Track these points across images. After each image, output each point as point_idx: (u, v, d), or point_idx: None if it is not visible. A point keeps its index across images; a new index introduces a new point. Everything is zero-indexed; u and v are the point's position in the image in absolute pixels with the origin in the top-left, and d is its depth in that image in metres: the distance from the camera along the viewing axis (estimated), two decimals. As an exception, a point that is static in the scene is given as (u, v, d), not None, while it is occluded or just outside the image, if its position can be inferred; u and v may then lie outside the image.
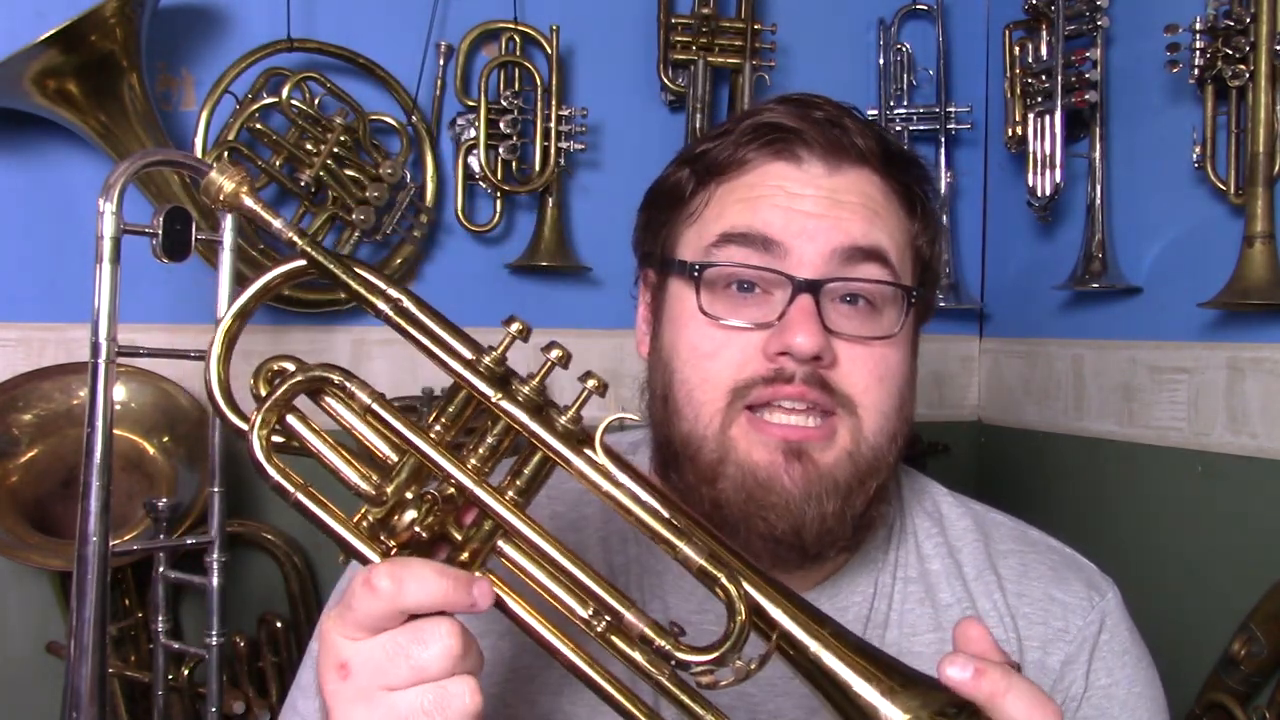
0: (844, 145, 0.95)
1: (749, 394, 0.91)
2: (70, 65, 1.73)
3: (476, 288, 2.17)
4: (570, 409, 0.72)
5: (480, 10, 2.14)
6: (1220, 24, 1.80)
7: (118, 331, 1.46)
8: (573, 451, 0.72)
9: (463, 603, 0.69)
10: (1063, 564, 1.06)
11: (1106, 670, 1.02)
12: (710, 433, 0.92)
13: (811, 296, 0.90)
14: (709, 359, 0.92)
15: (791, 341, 0.88)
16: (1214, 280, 1.81)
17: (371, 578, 0.68)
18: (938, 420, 2.49)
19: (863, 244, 0.92)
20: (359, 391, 0.73)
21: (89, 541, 1.42)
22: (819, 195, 0.93)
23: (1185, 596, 1.97)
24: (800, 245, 0.91)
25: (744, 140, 0.96)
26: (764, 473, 0.90)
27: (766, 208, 0.93)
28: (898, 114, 2.40)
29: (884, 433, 0.93)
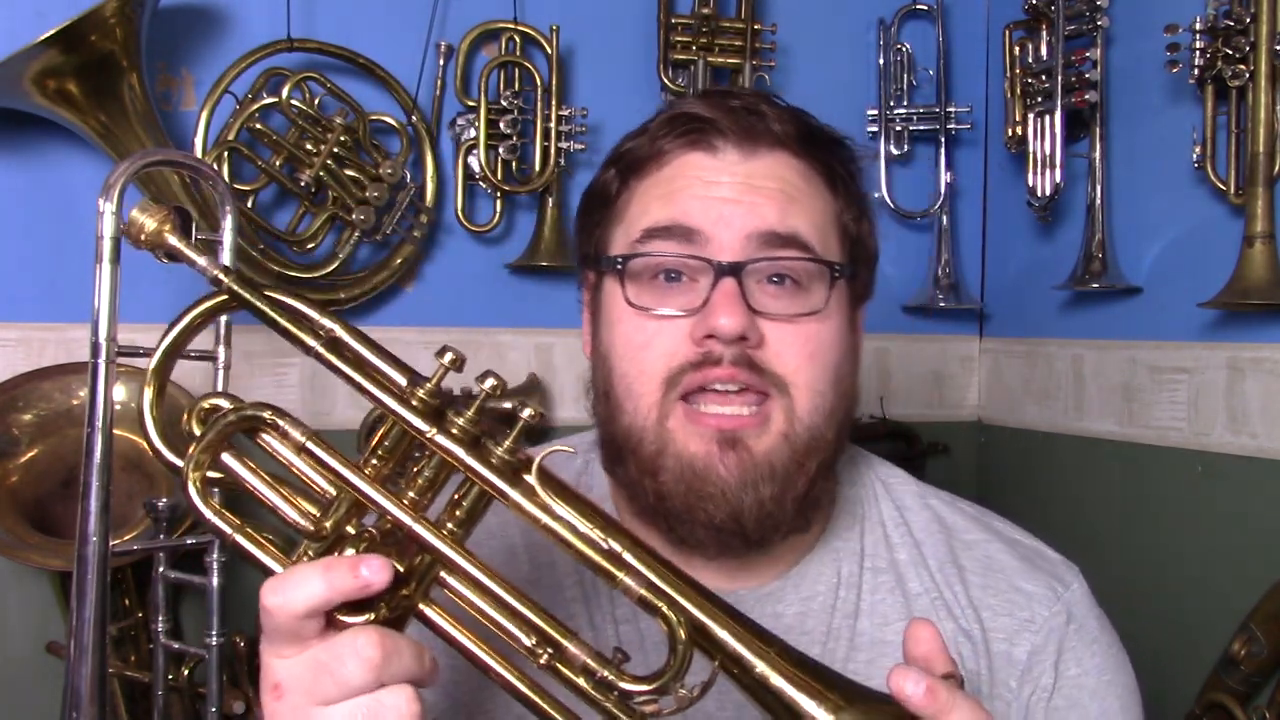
0: (758, 131, 0.96)
1: (681, 381, 0.92)
2: (70, 65, 1.73)
3: (476, 288, 2.17)
4: (508, 439, 0.72)
5: (480, 10, 2.14)
6: (1220, 24, 1.80)
7: (118, 331, 1.46)
8: (509, 484, 0.72)
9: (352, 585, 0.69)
10: (1027, 554, 1.06)
11: (1076, 660, 1.02)
12: (649, 424, 0.93)
13: (734, 279, 0.91)
14: (642, 350, 0.94)
15: (715, 323, 0.90)
16: (1214, 280, 1.81)
17: (263, 595, 0.69)
18: (938, 420, 2.49)
19: (779, 230, 0.93)
20: (292, 430, 0.72)
21: (89, 541, 1.42)
22: (735, 181, 0.94)
23: (1185, 596, 1.97)
24: (719, 232, 0.93)
25: (660, 134, 0.98)
26: (700, 463, 0.92)
27: (684, 198, 0.94)
28: (898, 114, 2.40)
29: (820, 410, 0.94)
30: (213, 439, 0.73)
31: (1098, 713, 1.02)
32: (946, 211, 2.41)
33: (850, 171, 1.02)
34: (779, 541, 0.98)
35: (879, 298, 2.76)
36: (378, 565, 0.69)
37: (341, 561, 0.69)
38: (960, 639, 1.01)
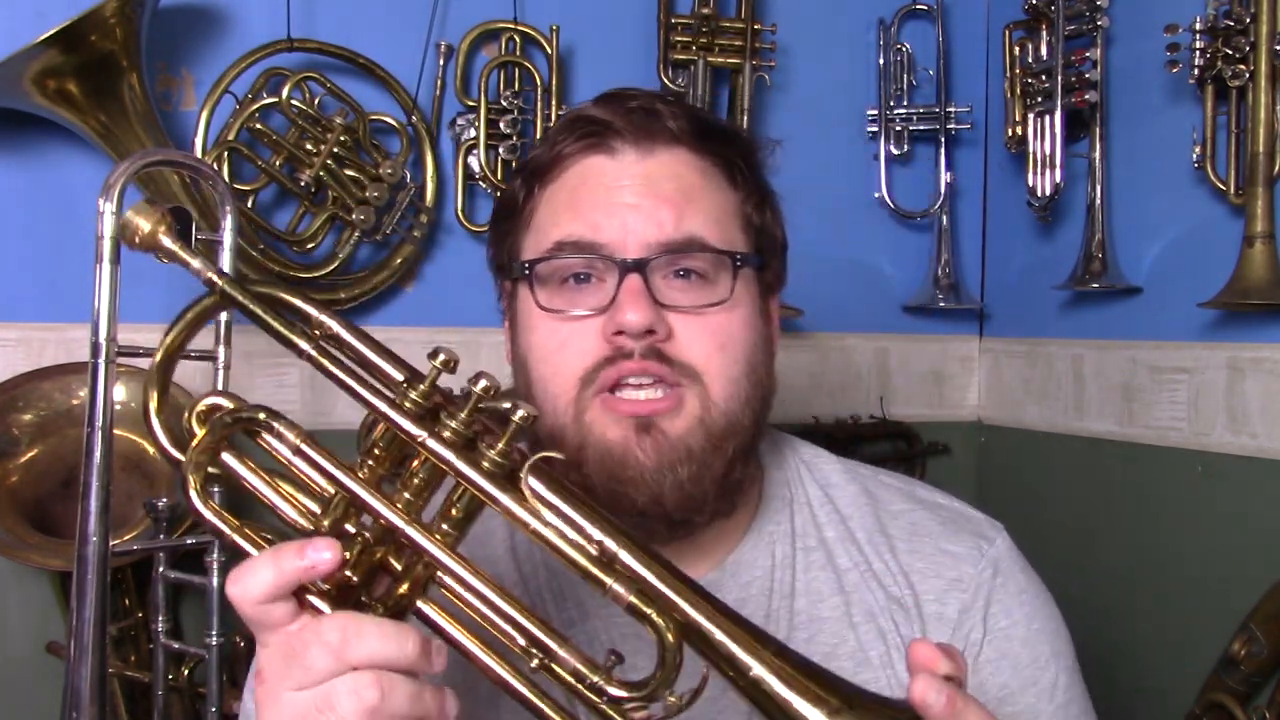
0: (654, 130, 0.98)
1: (597, 377, 0.95)
2: (70, 65, 1.73)
3: (476, 288, 2.15)
4: (500, 442, 0.72)
5: (480, 10, 2.14)
6: (1220, 24, 1.80)
7: (118, 331, 1.46)
8: (498, 489, 0.72)
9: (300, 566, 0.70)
10: (951, 518, 1.09)
11: (1005, 612, 1.05)
12: (568, 420, 0.96)
13: (639, 275, 0.94)
14: (557, 353, 0.97)
15: (622, 318, 0.92)
16: (1214, 280, 1.81)
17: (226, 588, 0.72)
18: (938, 420, 2.49)
19: (676, 237, 0.96)
20: (287, 432, 0.73)
21: (89, 541, 1.42)
22: (635, 184, 0.97)
23: (1185, 596, 1.97)
24: (624, 240, 0.95)
25: (560, 139, 1.00)
26: (618, 449, 0.94)
27: (588, 208, 0.97)
28: (898, 114, 2.40)
29: (734, 398, 0.97)
30: (209, 441, 0.74)
31: (1029, 660, 1.04)
32: (946, 211, 2.41)
33: (750, 163, 1.04)
34: (704, 526, 1.00)
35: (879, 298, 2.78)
36: (323, 545, 0.70)
37: (289, 545, 0.71)
38: (893, 607, 1.03)
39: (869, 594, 1.04)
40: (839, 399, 2.41)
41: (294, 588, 0.71)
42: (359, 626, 0.70)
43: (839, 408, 2.39)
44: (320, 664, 0.69)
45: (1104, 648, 2.02)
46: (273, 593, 0.70)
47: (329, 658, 0.69)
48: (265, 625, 0.71)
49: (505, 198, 1.06)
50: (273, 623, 0.71)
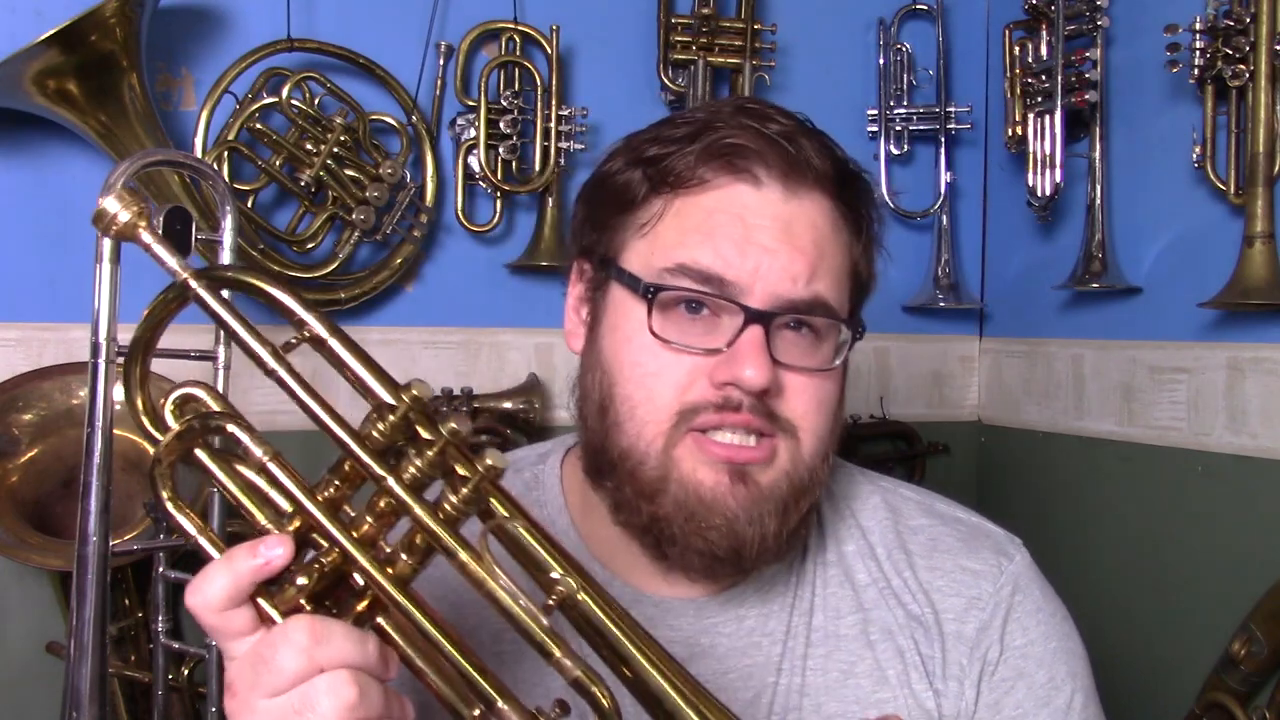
0: (800, 168, 0.95)
1: (695, 418, 0.92)
2: (70, 65, 1.73)
3: (476, 288, 2.17)
4: (464, 489, 0.70)
5: (480, 10, 2.14)
6: (1220, 24, 1.80)
7: (118, 331, 1.46)
8: (456, 542, 0.70)
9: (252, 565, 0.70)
10: (970, 533, 1.08)
11: (1022, 630, 1.04)
12: (653, 451, 0.93)
13: (763, 328, 0.91)
14: (654, 378, 0.93)
15: (741, 374, 0.90)
16: (1214, 280, 1.81)
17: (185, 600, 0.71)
18: (938, 420, 2.49)
19: (805, 296, 0.93)
20: (254, 448, 0.72)
21: (89, 541, 1.42)
22: (774, 226, 0.93)
23: (1185, 596, 1.97)
24: (753, 282, 0.92)
25: (703, 158, 0.95)
26: (709, 493, 0.92)
27: (723, 239, 0.93)
28: (898, 114, 2.40)
29: (819, 455, 0.96)
30: (175, 444, 0.73)
31: (1044, 680, 1.04)
32: (946, 211, 2.41)
33: (871, 214, 1.02)
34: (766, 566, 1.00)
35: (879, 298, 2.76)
36: (274, 542, 0.70)
37: (240, 547, 0.71)
38: (912, 624, 1.03)
39: (887, 611, 1.03)
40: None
41: (251, 590, 0.70)
42: (325, 627, 0.69)
43: (839, 408, 2.39)
44: (291, 665, 0.69)
45: (1104, 648, 2.02)
46: (231, 596, 0.70)
47: (299, 658, 0.69)
48: (228, 634, 0.71)
49: (617, 185, 0.98)
50: (235, 631, 0.71)
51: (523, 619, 0.69)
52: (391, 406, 0.71)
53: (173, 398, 0.75)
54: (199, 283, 0.74)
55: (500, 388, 2.13)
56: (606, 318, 0.97)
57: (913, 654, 1.02)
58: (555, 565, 0.70)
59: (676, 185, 0.95)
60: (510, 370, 2.16)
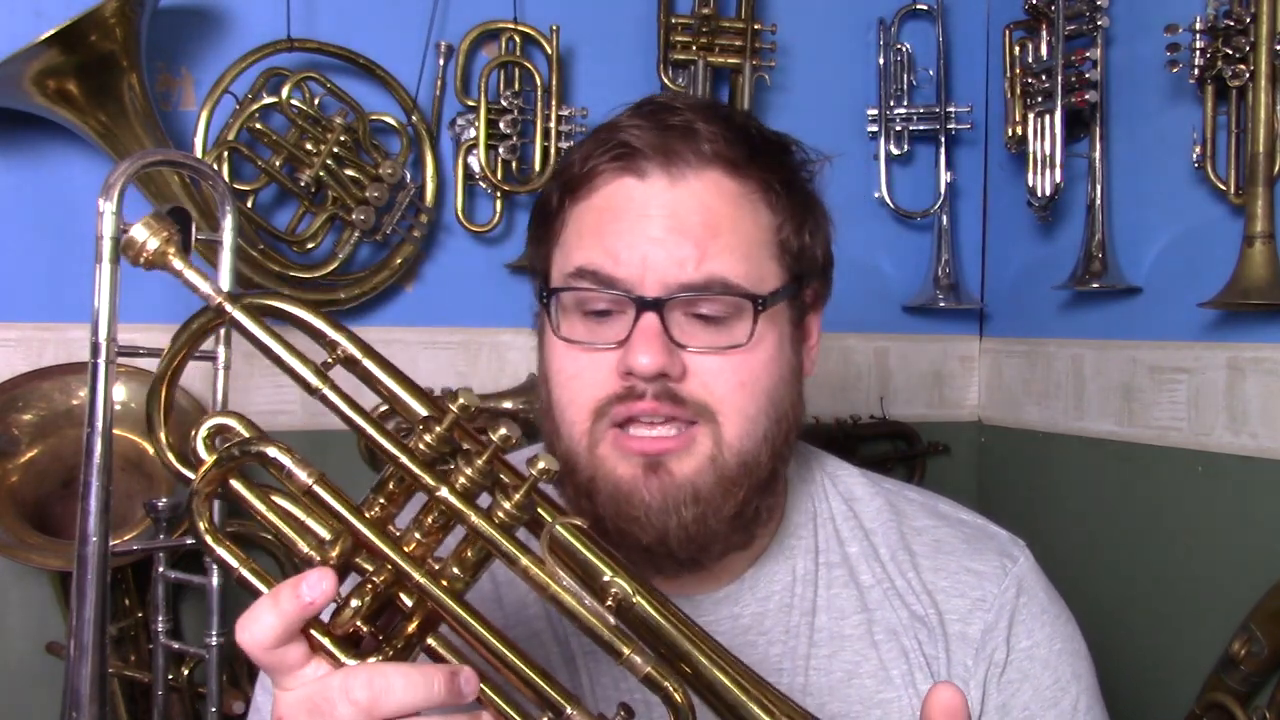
0: (686, 154, 0.95)
1: (609, 412, 0.94)
2: (70, 65, 1.73)
3: (476, 288, 2.17)
4: (517, 494, 0.70)
5: (480, 10, 2.14)
6: (1220, 24, 1.80)
7: (118, 331, 1.46)
8: (515, 548, 0.70)
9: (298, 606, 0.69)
10: (974, 535, 1.08)
11: (1027, 632, 1.04)
12: (581, 450, 0.95)
13: (656, 314, 0.92)
14: (573, 380, 0.95)
15: (634, 361, 0.91)
16: (1214, 280, 1.81)
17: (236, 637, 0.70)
18: (938, 420, 2.49)
19: (697, 278, 0.93)
20: (298, 471, 0.71)
21: (89, 541, 1.42)
22: (660, 214, 0.94)
23: (1185, 596, 1.97)
24: (643, 276, 0.93)
25: (594, 153, 0.97)
26: (626, 486, 0.93)
27: (611, 236, 0.94)
28: (898, 114, 2.40)
29: (750, 435, 0.95)
30: (216, 472, 0.72)
31: (1050, 682, 1.04)
32: (946, 211, 2.41)
33: (792, 181, 1.01)
34: (718, 560, 1.00)
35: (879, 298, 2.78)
36: (316, 578, 0.69)
37: (285, 585, 0.70)
38: (916, 625, 1.03)
39: (891, 612, 1.03)
40: (839, 399, 2.41)
41: (299, 627, 0.70)
42: (385, 681, 0.68)
43: (839, 408, 2.39)
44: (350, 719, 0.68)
45: (1104, 648, 2.02)
46: (281, 636, 0.69)
47: (358, 713, 0.68)
48: (281, 670, 0.71)
49: (540, 203, 1.03)
50: (288, 666, 0.70)
51: (589, 620, 0.69)
52: (437, 418, 0.71)
53: (205, 428, 0.74)
54: (234, 306, 0.74)
55: (500, 388, 2.13)
56: (545, 335, 1.00)
57: (917, 655, 1.02)
58: (606, 569, 0.71)
59: (574, 190, 0.98)
60: (510, 370, 2.16)
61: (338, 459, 1.99)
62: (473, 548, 0.71)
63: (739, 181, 0.97)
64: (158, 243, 0.73)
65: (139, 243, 0.72)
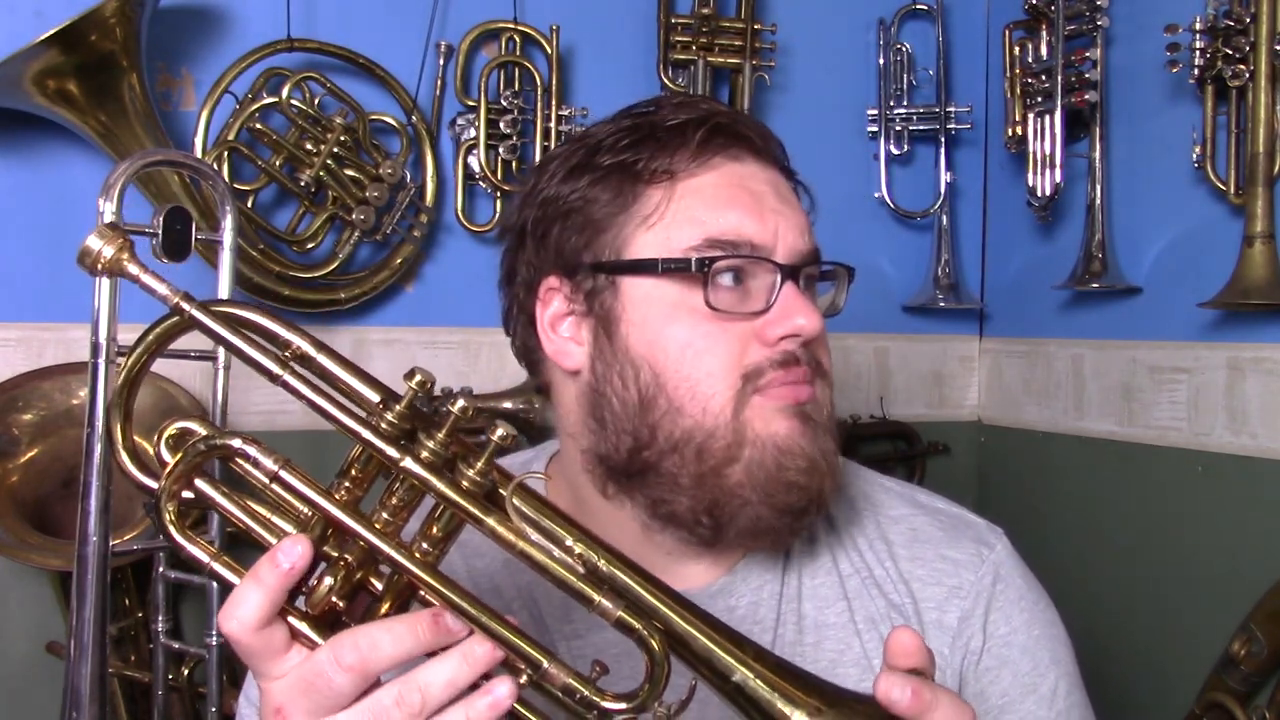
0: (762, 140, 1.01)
1: (760, 379, 0.93)
2: (70, 65, 1.73)
3: (476, 288, 2.16)
4: (479, 462, 0.72)
5: (480, 10, 2.14)
6: (1220, 24, 1.80)
7: (118, 331, 1.46)
8: (481, 510, 0.72)
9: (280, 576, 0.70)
10: (951, 523, 1.09)
11: (1005, 619, 1.04)
12: (723, 421, 0.93)
13: (794, 282, 0.95)
14: (707, 354, 0.94)
15: (797, 324, 0.93)
16: (1214, 280, 1.81)
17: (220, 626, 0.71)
18: (938, 420, 2.49)
19: (812, 246, 0.99)
20: (263, 458, 0.72)
21: (89, 541, 1.42)
22: (771, 190, 0.98)
23: (1185, 596, 1.97)
24: (775, 242, 0.96)
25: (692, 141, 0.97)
26: (785, 440, 0.93)
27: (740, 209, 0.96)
28: (898, 114, 2.40)
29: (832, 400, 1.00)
30: (182, 469, 0.73)
31: (1029, 668, 1.04)
32: (946, 211, 2.41)
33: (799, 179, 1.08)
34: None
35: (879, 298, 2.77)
36: (289, 544, 0.70)
37: (261, 561, 0.70)
38: (892, 614, 1.03)
39: (870, 601, 1.04)
40: (839, 399, 2.39)
41: (284, 598, 0.71)
42: (371, 639, 0.70)
43: (839, 408, 2.37)
44: (347, 686, 0.69)
45: (1104, 648, 2.02)
46: (268, 612, 0.70)
47: (353, 677, 0.69)
48: (268, 654, 0.71)
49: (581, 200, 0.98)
50: (274, 650, 0.71)
51: (558, 571, 0.71)
52: (397, 396, 0.73)
53: (167, 434, 0.75)
54: (192, 305, 0.75)
55: (500, 388, 2.14)
56: (626, 316, 0.96)
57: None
58: (568, 535, 0.73)
59: (673, 171, 0.97)
60: (510, 370, 2.16)
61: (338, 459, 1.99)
62: (438, 522, 0.73)
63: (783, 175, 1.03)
64: (113, 250, 0.74)
65: (94, 251, 0.73)
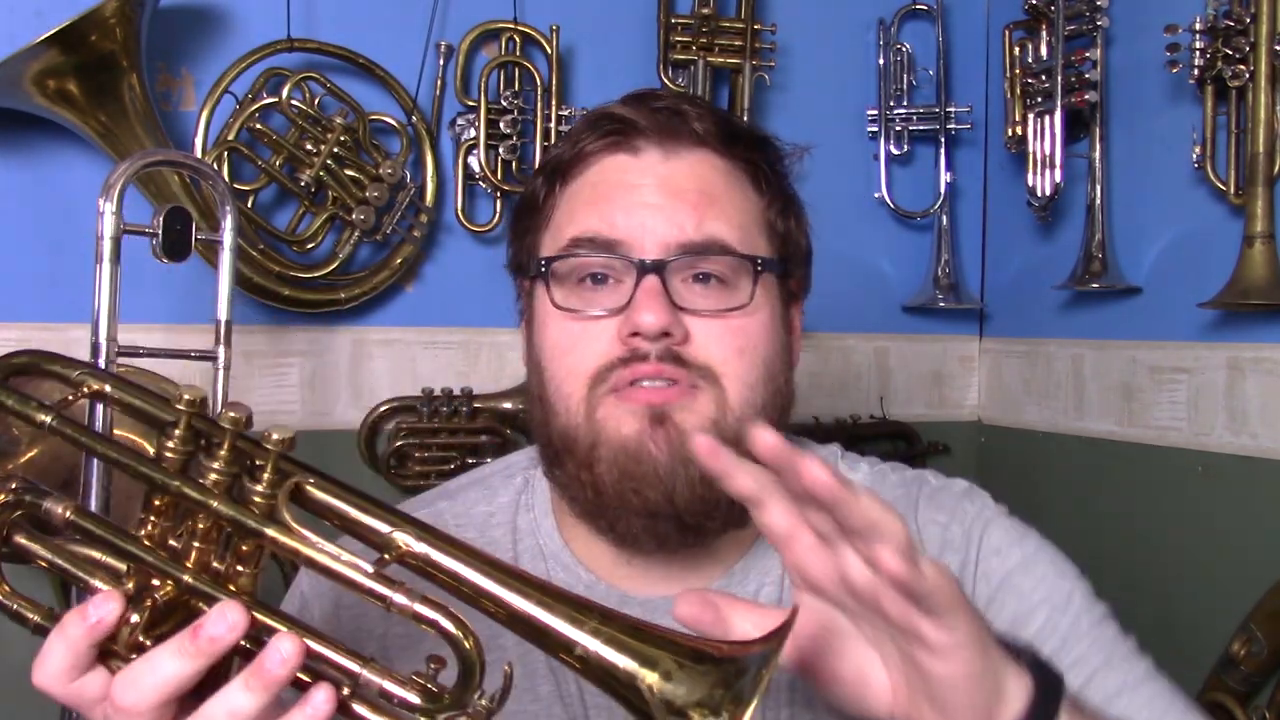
0: (680, 130, 0.97)
1: (609, 377, 0.93)
2: (70, 65, 1.73)
3: (476, 288, 2.17)
4: (265, 474, 0.69)
5: (480, 10, 2.13)
6: (1220, 24, 1.80)
7: (118, 331, 1.46)
8: (256, 522, 0.68)
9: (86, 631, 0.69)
10: (938, 489, 1.07)
11: (994, 551, 1.02)
12: (580, 420, 0.94)
13: (657, 276, 0.92)
14: (569, 353, 0.95)
15: (638, 320, 0.91)
16: (1214, 280, 1.81)
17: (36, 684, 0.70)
18: (938, 420, 2.49)
19: (696, 238, 0.94)
20: (54, 507, 0.71)
21: (89, 541, 1.42)
22: (656, 183, 0.96)
23: (1185, 596, 1.97)
24: (642, 238, 0.94)
25: (583, 136, 0.98)
26: (633, 443, 0.92)
27: (608, 206, 0.95)
28: (897, 114, 2.39)
29: (751, 404, 0.94)
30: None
31: (1032, 585, 1.01)
32: (946, 211, 2.41)
33: (776, 170, 1.03)
34: (717, 536, 0.98)
35: (879, 298, 2.77)
36: (102, 599, 0.68)
37: (70, 613, 0.69)
38: None
39: None
40: (839, 399, 2.41)
41: (92, 653, 0.69)
42: (132, 676, 0.68)
43: (839, 408, 2.39)
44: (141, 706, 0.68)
45: (1104, 648, 2.02)
46: (73, 665, 0.69)
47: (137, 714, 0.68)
48: (84, 705, 0.70)
49: (525, 196, 1.04)
50: (90, 699, 0.70)
51: (347, 573, 0.67)
52: (173, 421, 0.70)
53: None
54: None
55: (500, 388, 2.13)
56: (534, 317, 1.01)
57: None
58: (376, 518, 0.68)
59: (565, 172, 0.99)
60: (510, 370, 2.16)
61: (338, 459, 2.00)
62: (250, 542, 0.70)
63: (728, 160, 0.99)
64: None
65: None
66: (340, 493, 0.70)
